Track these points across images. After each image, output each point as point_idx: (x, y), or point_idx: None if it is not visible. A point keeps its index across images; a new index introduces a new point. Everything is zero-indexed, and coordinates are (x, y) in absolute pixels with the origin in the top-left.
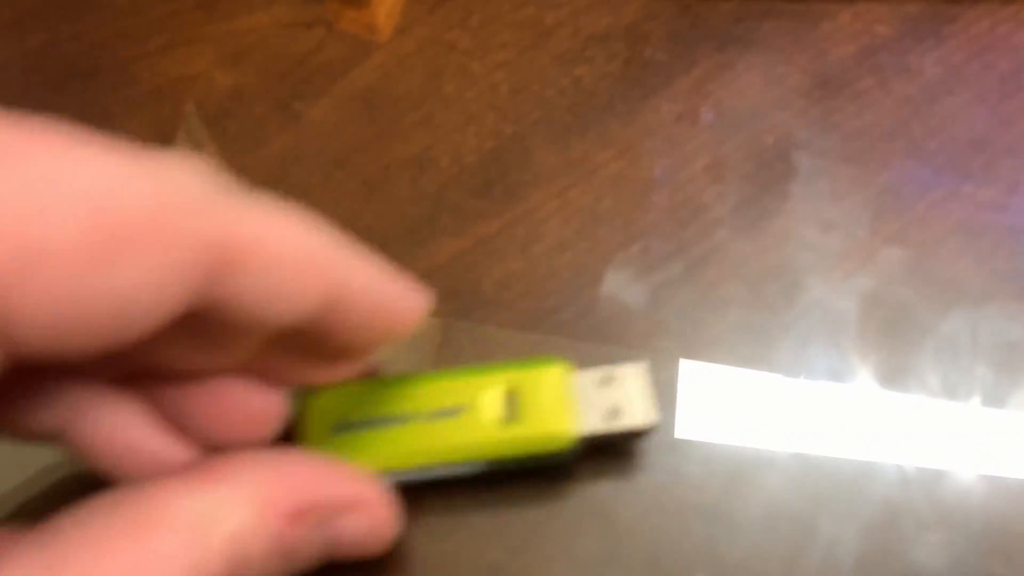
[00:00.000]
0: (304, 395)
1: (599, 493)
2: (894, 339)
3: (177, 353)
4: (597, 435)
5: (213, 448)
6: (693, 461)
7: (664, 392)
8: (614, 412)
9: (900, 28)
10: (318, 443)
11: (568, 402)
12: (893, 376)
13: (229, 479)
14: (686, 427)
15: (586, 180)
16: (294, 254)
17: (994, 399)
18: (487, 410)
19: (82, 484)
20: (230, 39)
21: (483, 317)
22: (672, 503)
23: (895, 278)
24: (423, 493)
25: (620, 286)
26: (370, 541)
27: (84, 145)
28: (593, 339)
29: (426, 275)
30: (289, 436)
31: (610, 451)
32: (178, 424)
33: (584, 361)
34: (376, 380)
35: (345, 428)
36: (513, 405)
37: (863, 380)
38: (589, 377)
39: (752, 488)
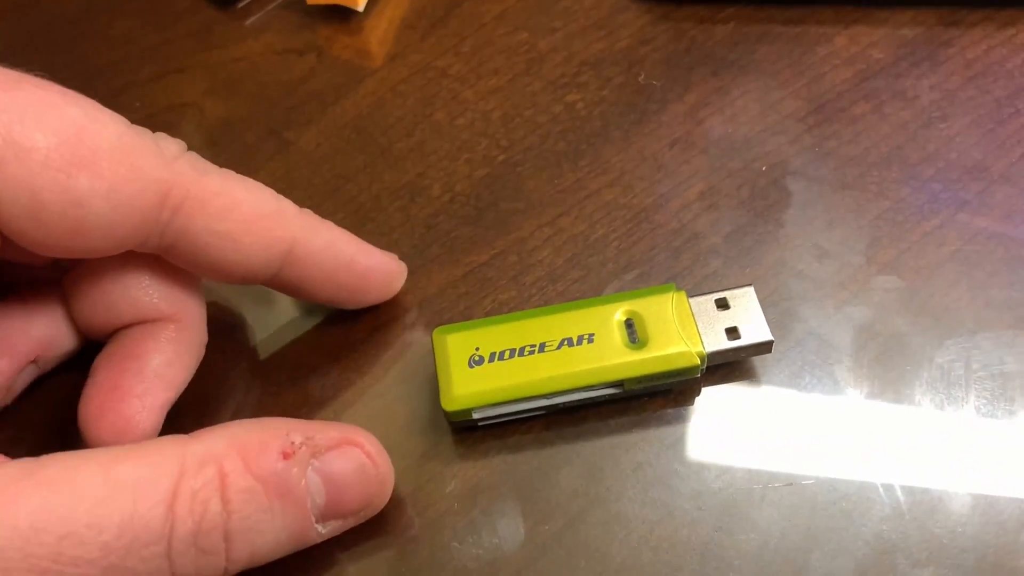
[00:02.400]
0: (439, 332)
1: (591, 529)
2: (889, 369)
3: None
4: (720, 352)
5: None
6: (684, 496)
7: None
8: (733, 331)
9: (896, 53)
10: (457, 376)
11: (690, 324)
12: (887, 406)
13: (213, 434)
14: (676, 459)
15: (579, 208)
16: (250, 208)
17: (988, 429)
18: (613, 336)
19: None
20: (221, 68)
21: None
22: (664, 538)
23: (890, 307)
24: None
25: None
26: (365, 484)
27: (73, 95)
28: None
29: (417, 305)
30: None
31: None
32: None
33: None
34: (502, 316)
35: (479, 361)
36: (637, 330)
37: (857, 409)
38: (704, 301)
39: (744, 524)
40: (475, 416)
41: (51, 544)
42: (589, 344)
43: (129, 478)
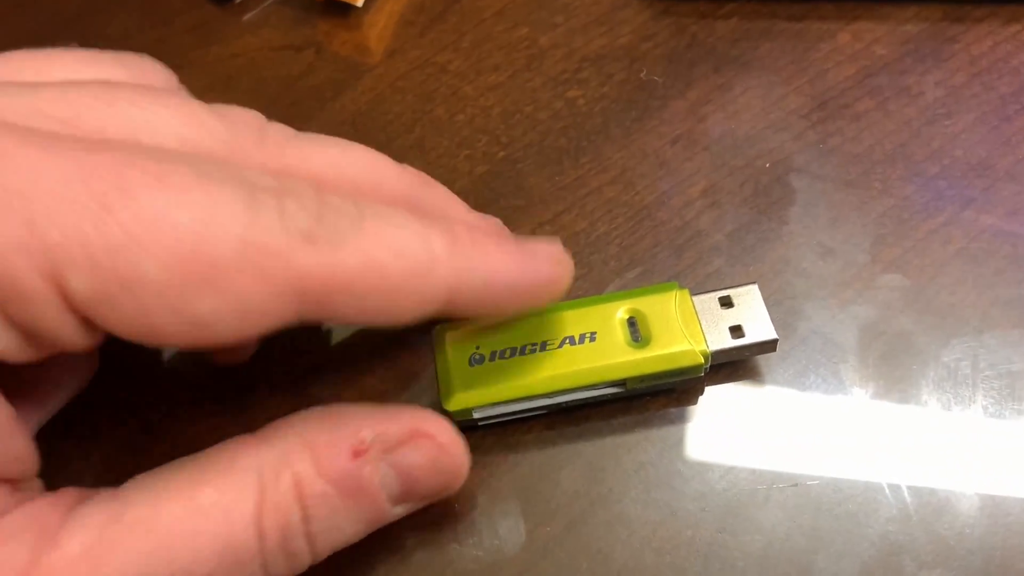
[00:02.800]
0: (439, 331)
1: (593, 530)
2: (894, 368)
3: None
4: (724, 351)
5: None
6: (688, 497)
7: None
8: (737, 330)
9: (900, 49)
10: (457, 375)
11: (693, 322)
12: (893, 406)
13: (283, 435)
14: (679, 459)
15: (580, 205)
16: (398, 273)
17: (995, 429)
18: (616, 334)
19: None
20: (219, 64)
21: None
22: (667, 541)
23: (895, 306)
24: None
25: None
26: (439, 474)
27: (179, 174)
28: None
29: None
30: None
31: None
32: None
33: None
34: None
35: (480, 360)
36: (640, 328)
37: (862, 409)
38: (707, 299)
39: (748, 525)
40: (475, 416)
41: None
42: (591, 343)
43: (215, 506)
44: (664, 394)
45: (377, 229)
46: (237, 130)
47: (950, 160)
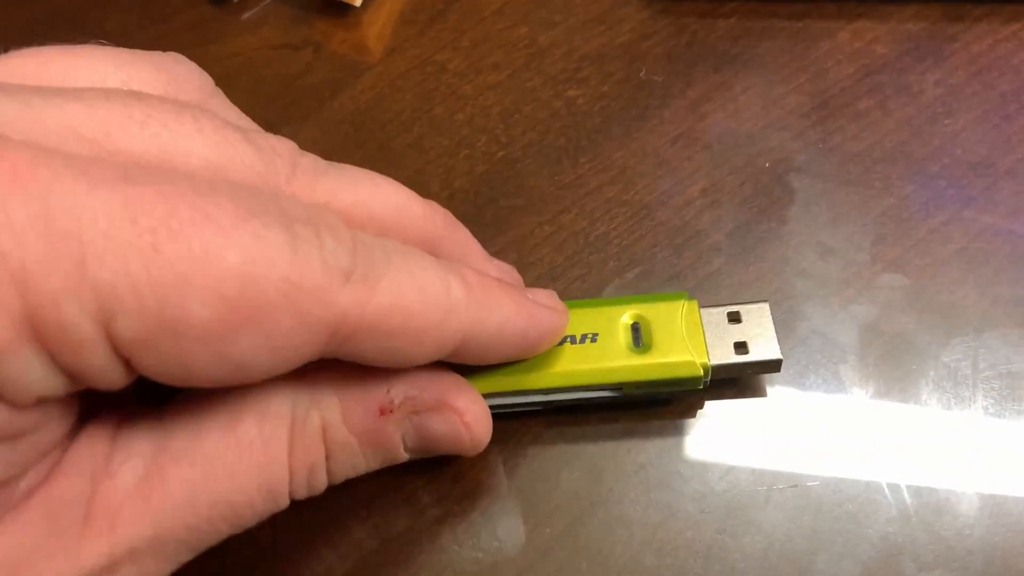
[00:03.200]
0: None
1: (592, 531)
2: (894, 368)
3: None
4: (725, 366)
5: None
6: (687, 498)
7: None
8: (741, 346)
9: (900, 48)
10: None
11: (698, 334)
12: (893, 406)
13: (317, 380)
14: (679, 460)
15: (580, 205)
16: (422, 316)
17: (995, 429)
18: (618, 338)
19: None
20: (218, 63)
21: None
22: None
23: (895, 305)
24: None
25: None
26: (457, 445)
27: (223, 208)
28: None
29: None
30: None
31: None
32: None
33: None
34: None
35: None
36: (643, 334)
37: (862, 409)
38: (716, 313)
39: (749, 526)
40: None
41: (204, 512)
42: (592, 343)
43: (253, 441)
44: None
45: (405, 269)
46: (270, 160)
47: (950, 159)
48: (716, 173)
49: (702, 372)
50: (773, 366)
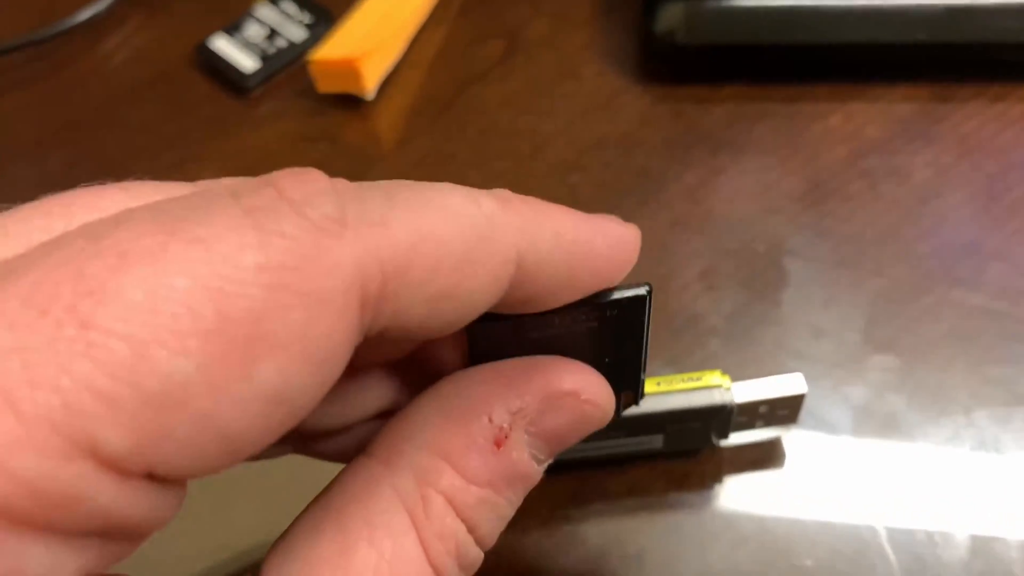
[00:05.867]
0: None
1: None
2: (886, 450)
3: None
4: (746, 405)
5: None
6: None
7: None
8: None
9: (890, 129)
10: None
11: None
12: (884, 485)
13: (407, 453)
14: (679, 542)
15: None
16: (453, 249)
17: (985, 497)
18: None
19: None
20: (238, 155)
21: None
22: None
23: (887, 386)
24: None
25: None
26: (587, 424)
27: (138, 245)
28: None
29: None
30: None
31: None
32: None
33: None
34: None
35: None
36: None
37: (854, 490)
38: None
39: None
40: None
41: None
42: None
43: (379, 568)
44: (663, 478)
45: (417, 196)
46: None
47: (939, 240)
48: (713, 257)
49: (724, 399)
50: (795, 403)
